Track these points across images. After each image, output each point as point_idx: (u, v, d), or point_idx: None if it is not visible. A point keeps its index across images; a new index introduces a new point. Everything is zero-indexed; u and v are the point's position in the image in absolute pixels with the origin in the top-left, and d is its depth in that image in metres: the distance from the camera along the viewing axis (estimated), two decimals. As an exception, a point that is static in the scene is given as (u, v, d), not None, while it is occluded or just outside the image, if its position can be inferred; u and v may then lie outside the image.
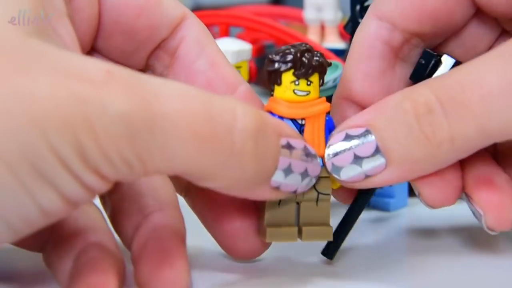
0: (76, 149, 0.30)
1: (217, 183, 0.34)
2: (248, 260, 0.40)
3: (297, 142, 0.36)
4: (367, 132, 0.37)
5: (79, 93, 0.30)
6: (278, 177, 0.35)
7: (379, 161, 0.37)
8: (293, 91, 0.38)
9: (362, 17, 0.46)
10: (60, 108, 0.30)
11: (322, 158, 0.38)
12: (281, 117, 0.38)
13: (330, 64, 0.39)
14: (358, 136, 0.37)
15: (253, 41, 0.59)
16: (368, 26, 0.41)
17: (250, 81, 0.53)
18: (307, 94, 0.38)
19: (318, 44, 0.60)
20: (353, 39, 0.41)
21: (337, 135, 0.37)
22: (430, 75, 0.39)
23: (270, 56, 0.38)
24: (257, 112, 0.35)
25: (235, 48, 0.52)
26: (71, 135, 0.30)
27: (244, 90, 0.40)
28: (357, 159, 0.37)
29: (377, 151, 0.37)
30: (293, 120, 0.38)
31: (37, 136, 0.30)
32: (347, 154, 0.37)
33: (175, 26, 0.40)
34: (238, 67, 0.52)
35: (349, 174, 0.37)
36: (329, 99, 0.41)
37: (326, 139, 0.38)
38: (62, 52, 0.32)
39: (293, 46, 0.38)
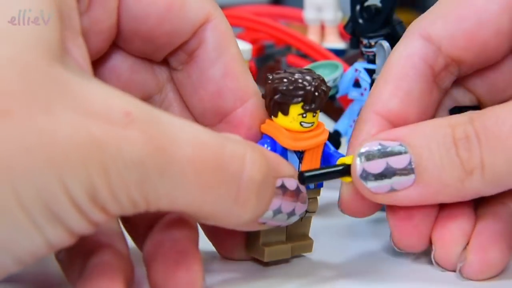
0: (88, 190, 0.31)
1: (212, 223, 0.35)
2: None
3: (291, 183, 0.37)
4: (402, 146, 0.37)
5: (98, 136, 0.31)
6: (267, 216, 0.36)
7: (409, 177, 0.37)
8: (300, 123, 0.38)
9: (362, 17, 0.46)
10: (78, 150, 0.30)
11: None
12: (284, 148, 0.38)
13: (330, 89, 0.39)
14: (393, 148, 0.38)
15: (253, 41, 0.59)
16: (412, 45, 0.40)
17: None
18: (312, 125, 0.39)
19: (318, 44, 0.60)
20: (393, 55, 0.41)
21: (371, 143, 0.38)
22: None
23: (278, 86, 0.38)
24: (264, 159, 0.35)
25: (235, 48, 0.52)
26: (85, 177, 0.31)
27: (253, 104, 0.40)
28: (388, 170, 0.37)
29: (409, 165, 0.37)
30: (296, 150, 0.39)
31: (53, 178, 0.30)
32: (380, 161, 0.38)
33: (197, 28, 0.39)
34: (238, 67, 0.52)
35: (377, 183, 0.38)
36: (329, 98, 0.41)
37: (322, 160, 0.39)
38: (83, 83, 0.32)
39: (303, 79, 0.38)
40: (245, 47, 0.54)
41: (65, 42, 0.34)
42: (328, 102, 0.58)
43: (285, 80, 0.38)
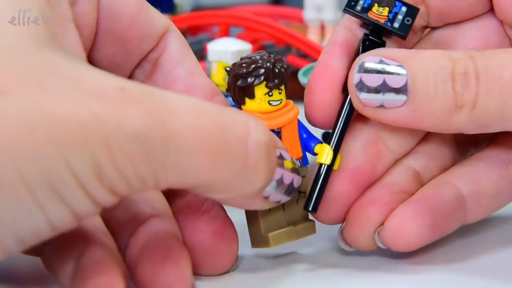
0: (93, 168, 0.30)
1: (224, 195, 0.35)
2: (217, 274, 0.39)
3: (287, 154, 0.37)
4: (401, 67, 0.38)
5: (97, 112, 0.30)
6: (271, 188, 0.36)
7: (400, 97, 0.38)
8: (268, 102, 0.39)
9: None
10: (79, 127, 0.30)
11: (300, 160, 0.39)
12: None
13: (289, 67, 0.39)
14: (393, 66, 0.38)
15: (253, 41, 0.59)
16: None
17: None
18: (281, 102, 0.39)
19: (318, 44, 0.60)
20: None
21: (371, 56, 0.38)
22: (404, 23, 0.39)
23: (238, 71, 0.38)
24: (263, 125, 0.35)
25: (235, 48, 0.52)
26: (89, 154, 0.30)
27: (219, 100, 0.40)
28: (384, 86, 0.38)
29: (404, 86, 0.38)
30: (271, 130, 0.38)
31: (56, 155, 0.30)
32: (378, 76, 0.38)
33: (160, 37, 0.40)
34: (238, 67, 0.52)
35: (370, 96, 0.38)
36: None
37: (301, 141, 0.40)
38: (74, 65, 0.32)
39: (261, 58, 0.39)
40: (245, 47, 0.54)
41: (54, 28, 0.34)
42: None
43: (243, 64, 0.39)
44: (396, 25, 0.39)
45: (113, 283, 0.34)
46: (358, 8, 0.40)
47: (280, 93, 0.39)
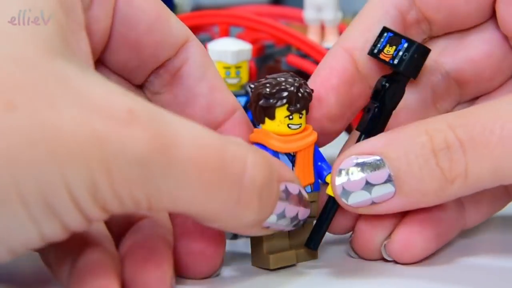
0: (89, 187, 0.31)
1: (216, 225, 0.35)
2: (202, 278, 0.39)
3: (294, 187, 0.37)
4: (379, 161, 0.37)
5: (101, 132, 0.30)
6: (271, 220, 0.36)
7: (389, 189, 0.38)
8: (288, 125, 0.39)
9: None
10: (81, 146, 0.30)
11: (311, 185, 0.40)
12: (275, 151, 0.39)
13: (312, 91, 0.40)
14: (371, 163, 0.38)
15: (253, 41, 0.59)
16: None
17: (250, 81, 0.53)
18: (300, 127, 0.39)
19: (318, 44, 0.59)
20: (369, 0, 0.42)
21: (348, 159, 0.38)
22: (412, 64, 0.40)
23: (261, 91, 0.38)
24: (266, 162, 0.35)
25: (235, 48, 0.52)
26: (87, 173, 0.30)
27: (239, 116, 0.41)
28: (368, 186, 0.38)
29: (388, 179, 0.37)
30: (286, 153, 0.39)
31: (54, 172, 0.30)
32: (359, 180, 0.38)
33: (180, 46, 0.40)
34: (238, 67, 0.52)
35: (357, 199, 0.38)
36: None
37: (314, 167, 0.40)
38: (85, 78, 0.32)
39: (285, 81, 0.39)
40: (245, 47, 0.54)
41: (67, 36, 0.34)
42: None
43: (267, 84, 0.39)
44: (395, 61, 0.40)
45: (108, 286, 0.33)
46: (375, 51, 0.40)
47: (300, 117, 0.39)
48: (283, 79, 0.39)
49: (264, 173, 0.35)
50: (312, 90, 0.39)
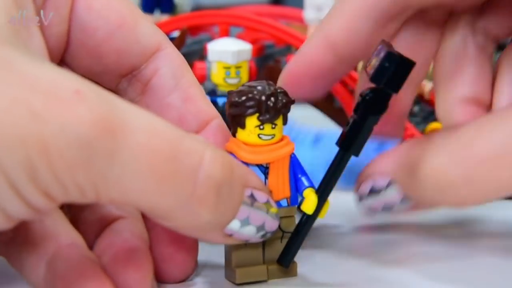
0: (26, 170, 0.29)
1: (170, 223, 0.34)
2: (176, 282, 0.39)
3: (261, 196, 0.36)
4: (392, 184, 0.40)
5: (38, 110, 0.29)
6: (233, 226, 0.35)
7: (406, 204, 0.41)
8: (258, 135, 0.37)
9: None
10: (15, 124, 0.29)
11: (287, 199, 0.38)
12: (245, 162, 0.37)
13: (293, 102, 0.38)
14: (385, 188, 0.41)
15: (253, 41, 0.59)
16: None
17: (250, 81, 0.53)
18: (272, 138, 0.37)
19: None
20: None
21: (365, 184, 0.41)
22: (393, 78, 0.37)
23: (232, 99, 0.37)
24: (227, 161, 0.34)
25: (235, 48, 0.52)
26: (23, 154, 0.29)
27: (215, 126, 0.39)
28: (387, 206, 0.41)
29: (404, 199, 0.40)
30: (258, 164, 0.37)
31: None
32: (377, 203, 0.41)
33: (149, 55, 0.39)
34: (238, 67, 0.52)
35: (382, 216, 0.42)
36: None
37: (290, 180, 0.38)
38: (34, 64, 0.30)
39: (256, 88, 0.37)
40: (245, 47, 0.54)
41: (19, 29, 0.33)
42: (328, 102, 0.58)
43: (240, 93, 0.37)
44: (372, 73, 0.37)
45: (103, 286, 0.33)
46: (366, 64, 0.38)
47: (273, 128, 0.37)
48: (257, 87, 0.37)
49: (223, 171, 0.33)
50: (292, 101, 0.37)
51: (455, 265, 0.41)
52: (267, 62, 0.60)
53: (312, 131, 0.45)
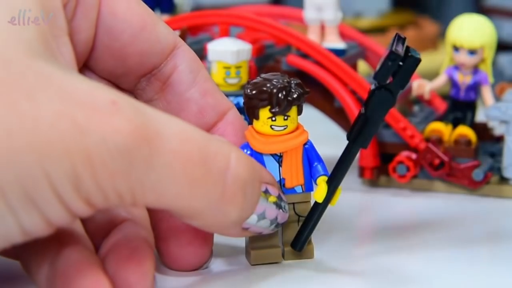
0: (71, 179, 0.30)
1: (198, 222, 0.36)
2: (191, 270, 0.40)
3: (274, 190, 0.38)
4: None
5: (82, 123, 0.31)
6: (251, 220, 0.37)
7: None
8: (270, 126, 0.39)
9: None
10: (61, 137, 0.30)
11: (302, 186, 0.40)
12: (259, 152, 0.39)
13: (308, 92, 0.39)
14: None
15: (253, 41, 0.59)
16: None
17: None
18: (285, 129, 0.39)
19: (318, 44, 0.59)
20: None
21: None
22: (397, 75, 0.38)
23: (246, 91, 0.39)
24: (249, 161, 0.36)
25: (235, 48, 0.52)
26: (69, 165, 0.30)
27: (232, 116, 0.41)
28: None
29: None
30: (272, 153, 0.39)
31: (34, 163, 0.30)
32: None
33: (167, 54, 0.40)
34: (238, 67, 0.52)
35: None
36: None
37: (304, 168, 0.40)
38: (68, 76, 0.32)
39: (270, 81, 0.39)
40: (245, 47, 0.54)
41: (48, 40, 0.34)
42: (328, 102, 0.58)
43: (254, 85, 0.39)
44: (376, 69, 0.38)
45: (99, 283, 0.33)
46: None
47: (285, 119, 0.39)
48: (272, 80, 0.39)
49: (248, 170, 0.36)
50: (307, 92, 0.39)
51: (472, 251, 0.41)
52: (267, 62, 0.60)
53: None
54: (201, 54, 0.59)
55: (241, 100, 0.49)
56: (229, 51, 0.52)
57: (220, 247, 0.42)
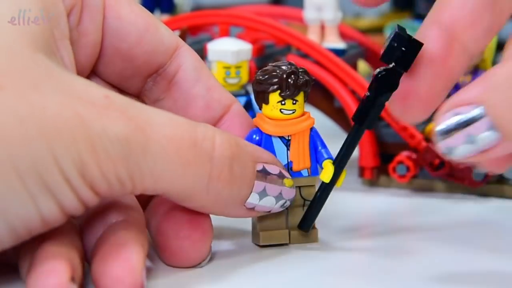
0: (77, 166, 0.33)
1: (196, 204, 0.38)
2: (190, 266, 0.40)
3: (273, 168, 0.40)
4: (478, 110, 0.35)
5: (83, 114, 0.33)
6: (253, 199, 0.39)
7: (493, 137, 0.35)
8: (280, 110, 0.41)
9: None
10: (67, 126, 0.33)
11: (308, 169, 0.42)
12: (268, 135, 0.41)
13: (313, 80, 0.42)
14: (469, 115, 0.35)
15: (253, 41, 0.59)
16: None
17: (250, 81, 0.53)
18: (293, 112, 0.41)
19: (318, 44, 0.60)
20: None
21: (446, 114, 0.36)
22: (402, 57, 0.39)
23: (257, 77, 0.41)
24: (233, 140, 0.39)
25: (235, 48, 0.52)
26: (75, 152, 0.33)
27: (236, 109, 0.43)
28: (470, 138, 0.35)
29: (490, 128, 0.35)
30: (280, 137, 0.42)
31: (45, 149, 0.32)
32: (459, 134, 0.36)
33: (171, 53, 0.42)
34: (238, 67, 0.52)
35: (463, 152, 0.36)
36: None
37: (311, 152, 0.42)
38: (65, 73, 0.35)
39: (279, 67, 0.41)
40: (245, 47, 0.54)
41: (49, 40, 0.36)
42: (328, 102, 0.58)
43: (264, 71, 0.41)
44: (382, 52, 0.39)
45: (55, 270, 0.34)
46: (383, 48, 0.39)
47: (294, 103, 0.41)
48: (281, 66, 0.41)
49: (231, 149, 0.38)
50: (313, 79, 0.41)
51: (472, 251, 0.42)
52: (267, 62, 0.60)
53: None
54: (201, 54, 0.59)
55: (241, 100, 0.49)
56: (229, 51, 0.52)
57: (224, 230, 0.44)
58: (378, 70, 0.40)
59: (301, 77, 0.41)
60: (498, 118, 0.35)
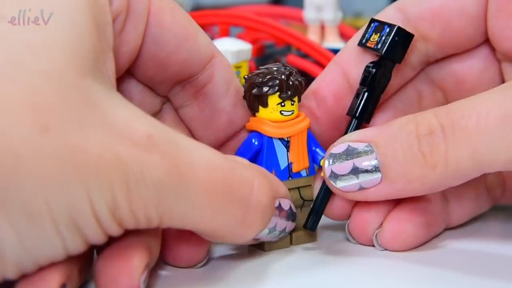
0: (110, 206, 0.33)
1: (219, 240, 0.38)
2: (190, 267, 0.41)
3: (286, 203, 0.40)
4: (368, 147, 0.39)
5: (123, 156, 0.33)
6: (262, 234, 0.39)
7: (375, 175, 0.39)
8: (280, 112, 0.41)
9: None
10: (106, 168, 0.32)
11: (306, 169, 0.42)
12: (269, 137, 0.41)
13: (306, 80, 0.42)
14: (360, 149, 0.39)
15: (253, 41, 0.59)
16: (387, 13, 0.44)
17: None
18: (292, 113, 0.41)
19: (318, 44, 0.60)
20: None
21: (339, 145, 0.40)
22: (399, 49, 0.41)
23: (254, 80, 0.41)
24: (270, 184, 0.38)
25: (235, 48, 0.52)
26: (110, 194, 0.32)
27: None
28: (355, 170, 0.39)
29: (375, 165, 0.39)
30: (280, 139, 0.41)
31: (81, 192, 0.32)
32: (346, 163, 0.40)
33: (205, 64, 0.42)
34: (238, 67, 0.52)
35: (345, 183, 0.40)
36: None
37: (309, 152, 0.42)
38: (110, 100, 0.34)
39: (276, 70, 0.41)
40: (245, 47, 0.54)
41: (98, 55, 0.35)
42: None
43: (260, 74, 0.41)
44: (378, 46, 0.41)
45: (44, 279, 0.34)
46: (363, 41, 0.42)
47: (292, 104, 0.41)
48: (275, 68, 0.41)
49: (268, 196, 0.37)
50: (304, 80, 0.41)
51: (472, 251, 0.42)
52: (267, 62, 0.60)
53: None
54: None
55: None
56: (229, 51, 0.52)
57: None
58: (370, 65, 0.42)
59: (297, 78, 0.41)
60: (383, 156, 0.39)
